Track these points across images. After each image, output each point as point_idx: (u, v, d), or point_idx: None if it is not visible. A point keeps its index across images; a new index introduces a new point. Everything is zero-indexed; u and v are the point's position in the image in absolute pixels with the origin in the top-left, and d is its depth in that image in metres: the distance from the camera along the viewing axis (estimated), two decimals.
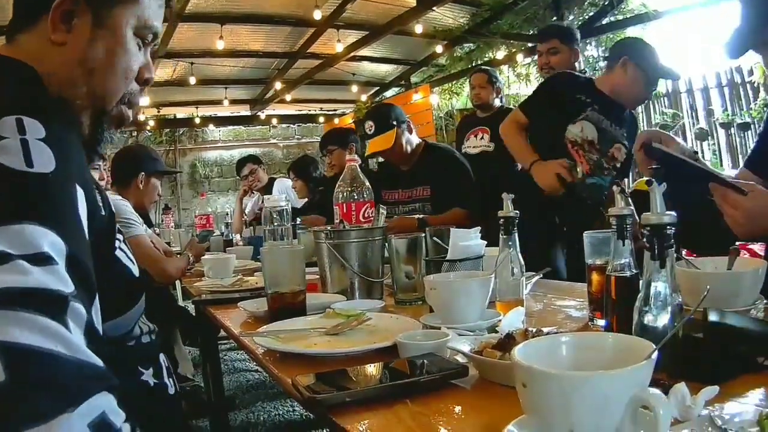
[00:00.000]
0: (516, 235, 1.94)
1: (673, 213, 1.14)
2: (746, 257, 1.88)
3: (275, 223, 2.27)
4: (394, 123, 4.17)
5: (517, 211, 1.95)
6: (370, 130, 4.21)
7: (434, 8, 8.31)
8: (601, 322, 1.77)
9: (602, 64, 9.66)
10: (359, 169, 2.76)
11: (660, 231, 1.14)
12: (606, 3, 8.82)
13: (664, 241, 1.14)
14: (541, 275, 2.44)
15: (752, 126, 8.04)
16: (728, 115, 8.25)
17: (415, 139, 4.28)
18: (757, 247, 4.90)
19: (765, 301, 1.77)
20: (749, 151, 2.67)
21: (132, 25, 1.49)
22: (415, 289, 2.38)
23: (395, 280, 2.40)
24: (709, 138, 8.18)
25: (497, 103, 5.98)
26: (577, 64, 4.47)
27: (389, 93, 13.00)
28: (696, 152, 2.22)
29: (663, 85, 9.21)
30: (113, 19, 1.46)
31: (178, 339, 5.00)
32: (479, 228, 2.25)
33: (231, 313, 2.44)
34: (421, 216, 4.02)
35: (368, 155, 4.36)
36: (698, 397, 1.05)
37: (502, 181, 3.79)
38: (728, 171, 2.69)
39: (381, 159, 4.87)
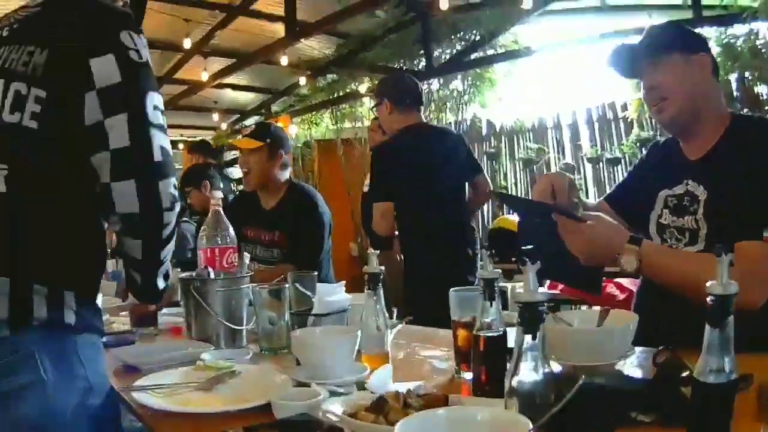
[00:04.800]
0: (381, 290, 1.98)
1: (545, 290, 1.20)
2: (619, 311, 1.97)
3: None
4: (269, 140, 3.96)
5: (382, 267, 2.00)
6: (249, 131, 4.09)
7: (302, 39, 8.29)
8: (467, 375, 1.82)
9: (466, 98, 9.88)
10: (222, 213, 2.74)
11: (532, 308, 1.19)
12: (476, 38, 8.95)
13: (537, 317, 1.19)
14: (404, 323, 2.48)
15: (622, 161, 8.23)
16: (597, 150, 8.45)
17: (283, 176, 4.07)
18: (626, 282, 5.06)
19: (635, 352, 1.87)
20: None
21: None
22: (279, 337, 2.38)
23: (259, 327, 2.40)
24: (576, 173, 8.35)
25: None
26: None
27: (249, 121, 12.88)
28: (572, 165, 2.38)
29: (529, 121, 9.40)
30: None
31: None
32: (344, 282, 2.32)
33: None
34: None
35: (231, 143, 4.25)
36: None
37: None
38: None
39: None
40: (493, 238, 7.44)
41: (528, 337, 1.20)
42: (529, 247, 1.78)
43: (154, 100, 1.69)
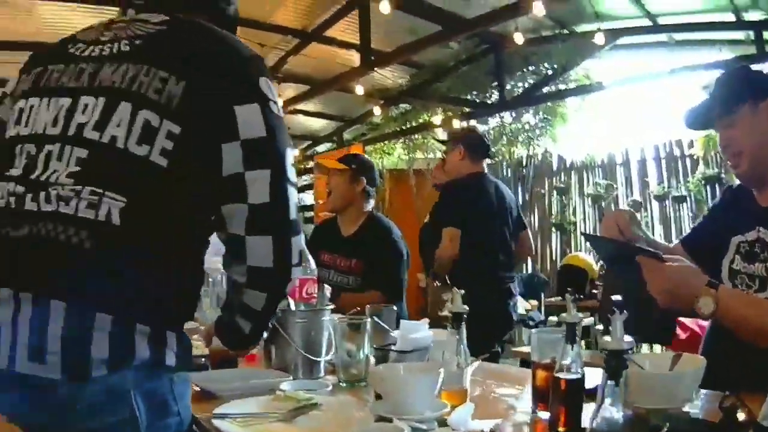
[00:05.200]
0: (464, 328, 2.02)
1: (630, 339, 1.24)
2: (689, 355, 1.99)
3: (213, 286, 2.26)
4: (353, 166, 4.18)
5: (466, 306, 2.04)
6: (337, 155, 4.28)
7: (376, 68, 8.35)
8: (544, 415, 1.85)
9: (537, 132, 9.86)
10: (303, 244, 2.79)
11: (618, 355, 1.23)
12: (549, 73, 9.01)
13: (621, 364, 1.24)
14: (481, 360, 2.51)
15: (688, 199, 8.21)
16: (664, 187, 8.38)
17: (366, 206, 4.25)
18: (689, 321, 5.07)
19: (702, 396, 1.89)
20: (685, 226, 2.89)
21: None
22: (358, 370, 2.41)
23: (338, 359, 2.43)
24: (643, 210, 8.30)
25: None
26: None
27: (321, 148, 12.99)
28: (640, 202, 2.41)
29: (598, 156, 9.45)
30: None
31: None
32: (427, 320, 2.35)
33: None
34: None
35: (318, 161, 4.46)
36: None
37: None
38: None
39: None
40: (562, 274, 7.52)
41: (611, 382, 1.25)
42: (618, 297, 1.82)
43: (291, 156, 1.71)
